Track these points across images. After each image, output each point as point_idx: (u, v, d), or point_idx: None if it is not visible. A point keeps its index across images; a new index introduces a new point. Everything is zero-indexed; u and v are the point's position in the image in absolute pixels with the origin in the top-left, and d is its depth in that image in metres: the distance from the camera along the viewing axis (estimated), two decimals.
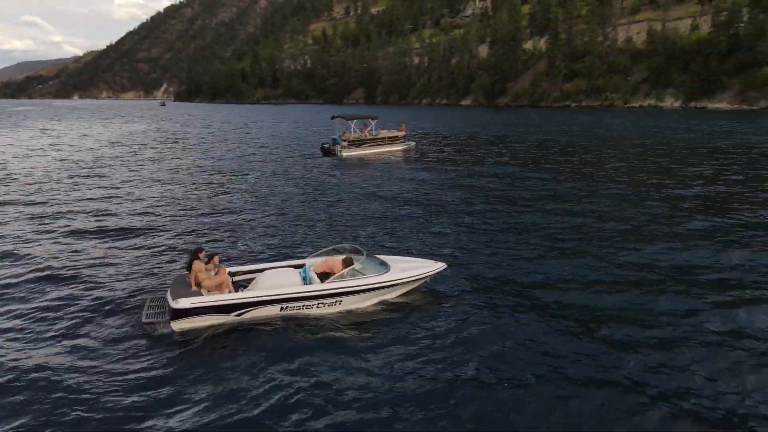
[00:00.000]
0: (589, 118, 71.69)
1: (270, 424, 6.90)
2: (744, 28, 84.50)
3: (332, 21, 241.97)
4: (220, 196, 22.30)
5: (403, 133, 38.75)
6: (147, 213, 19.12)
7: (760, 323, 9.40)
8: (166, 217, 18.54)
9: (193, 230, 16.61)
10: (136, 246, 14.95)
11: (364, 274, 10.39)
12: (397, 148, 37.70)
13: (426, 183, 24.94)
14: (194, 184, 25.41)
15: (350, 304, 10.15)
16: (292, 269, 10.64)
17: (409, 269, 10.66)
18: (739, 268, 12.19)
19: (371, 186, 24.40)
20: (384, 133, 38.18)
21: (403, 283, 10.54)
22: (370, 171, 29.62)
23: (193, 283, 9.78)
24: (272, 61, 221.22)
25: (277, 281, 9.99)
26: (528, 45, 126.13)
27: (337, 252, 11.32)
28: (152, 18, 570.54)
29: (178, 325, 9.23)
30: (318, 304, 9.93)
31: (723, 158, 30.59)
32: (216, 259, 10.31)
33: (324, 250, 11.67)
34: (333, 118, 38.99)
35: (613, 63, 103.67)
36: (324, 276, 10.30)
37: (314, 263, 10.90)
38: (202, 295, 9.53)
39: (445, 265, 11.17)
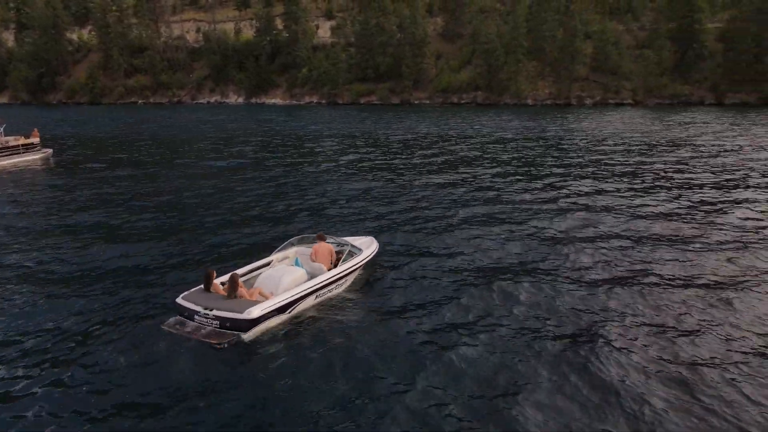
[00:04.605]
0: (175, 113, 73.07)
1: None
2: (280, 34, 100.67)
3: None
4: None
5: (37, 139, 32.17)
6: None
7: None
8: None
9: None
10: None
11: (355, 254, 12.64)
12: (35, 156, 31.53)
13: (109, 193, 23.07)
14: None
15: (350, 280, 12.41)
16: (285, 265, 12.20)
17: (369, 245, 13.29)
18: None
19: (46, 205, 21.00)
20: (13, 141, 30.87)
21: (371, 257, 13.03)
22: (18, 188, 24.52)
23: (241, 294, 10.37)
24: None
25: (292, 277, 11.24)
26: (73, 35, 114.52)
27: (293, 244, 13.16)
28: None
29: (251, 334, 9.82)
30: (336, 285, 11.81)
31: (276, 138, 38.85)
32: (214, 273, 10.74)
33: (283, 244, 13.08)
34: None
35: (172, 59, 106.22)
36: (324, 261, 12.13)
37: (306, 253, 12.64)
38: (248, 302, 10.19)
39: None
